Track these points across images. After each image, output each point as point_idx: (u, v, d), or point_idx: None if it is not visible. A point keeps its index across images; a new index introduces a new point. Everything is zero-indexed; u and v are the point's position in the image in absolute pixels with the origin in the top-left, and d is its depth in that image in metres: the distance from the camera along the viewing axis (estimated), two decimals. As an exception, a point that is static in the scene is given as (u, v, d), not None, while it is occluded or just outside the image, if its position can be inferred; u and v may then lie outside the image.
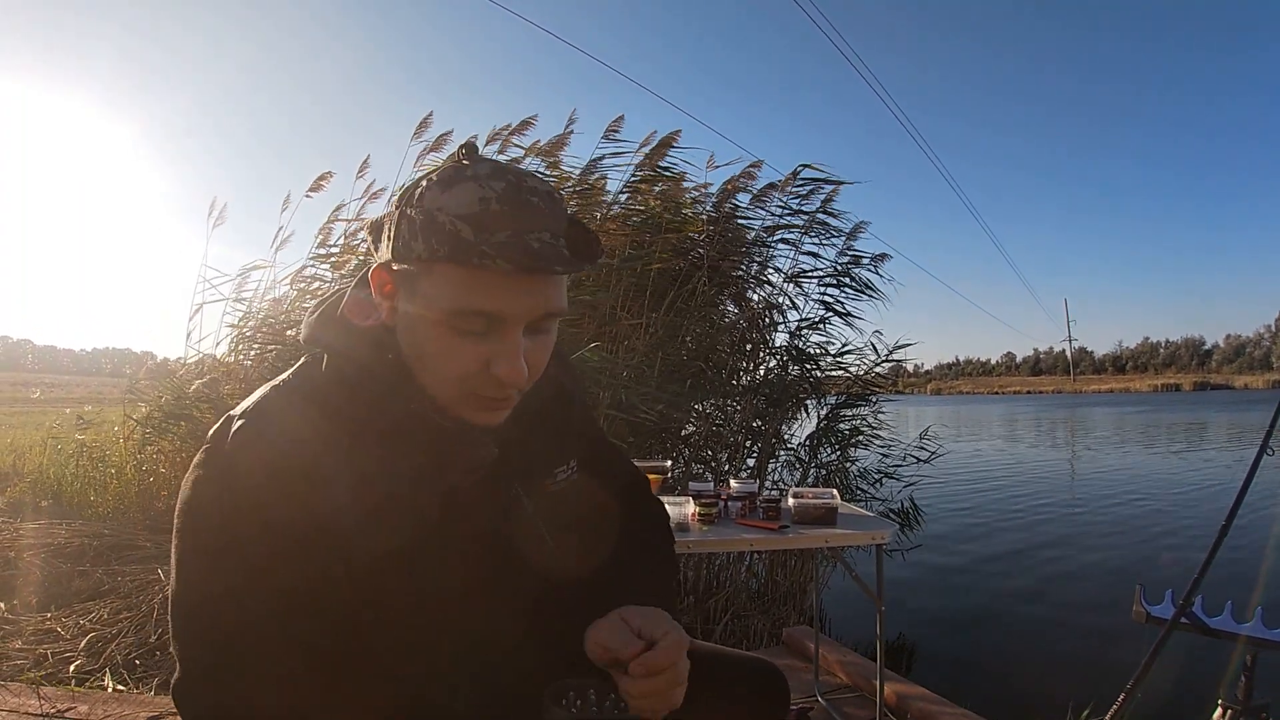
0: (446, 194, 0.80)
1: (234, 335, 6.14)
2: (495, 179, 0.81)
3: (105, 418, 8.03)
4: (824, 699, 2.92)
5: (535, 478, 1.02)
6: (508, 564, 0.96)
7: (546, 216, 0.82)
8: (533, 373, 0.87)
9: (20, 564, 4.41)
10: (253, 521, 0.80)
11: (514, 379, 0.83)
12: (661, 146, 5.41)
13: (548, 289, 0.83)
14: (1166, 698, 2.98)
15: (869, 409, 5.67)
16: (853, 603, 5.12)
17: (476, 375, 0.84)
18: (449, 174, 0.82)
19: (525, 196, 0.81)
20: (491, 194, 0.79)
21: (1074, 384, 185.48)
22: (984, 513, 9.81)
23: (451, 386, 0.85)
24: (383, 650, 0.89)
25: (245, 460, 0.82)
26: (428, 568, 0.88)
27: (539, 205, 0.81)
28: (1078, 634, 5.09)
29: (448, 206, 0.79)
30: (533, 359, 0.86)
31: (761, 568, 4.88)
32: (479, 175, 0.81)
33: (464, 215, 0.78)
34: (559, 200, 0.85)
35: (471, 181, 0.80)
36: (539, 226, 0.80)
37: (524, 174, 0.84)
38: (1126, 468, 15.51)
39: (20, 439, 9.46)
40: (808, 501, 2.43)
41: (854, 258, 5.66)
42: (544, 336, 0.88)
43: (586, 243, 0.87)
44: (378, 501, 0.85)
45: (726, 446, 5.28)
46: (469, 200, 0.79)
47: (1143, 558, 7.31)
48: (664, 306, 4.92)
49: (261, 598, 0.80)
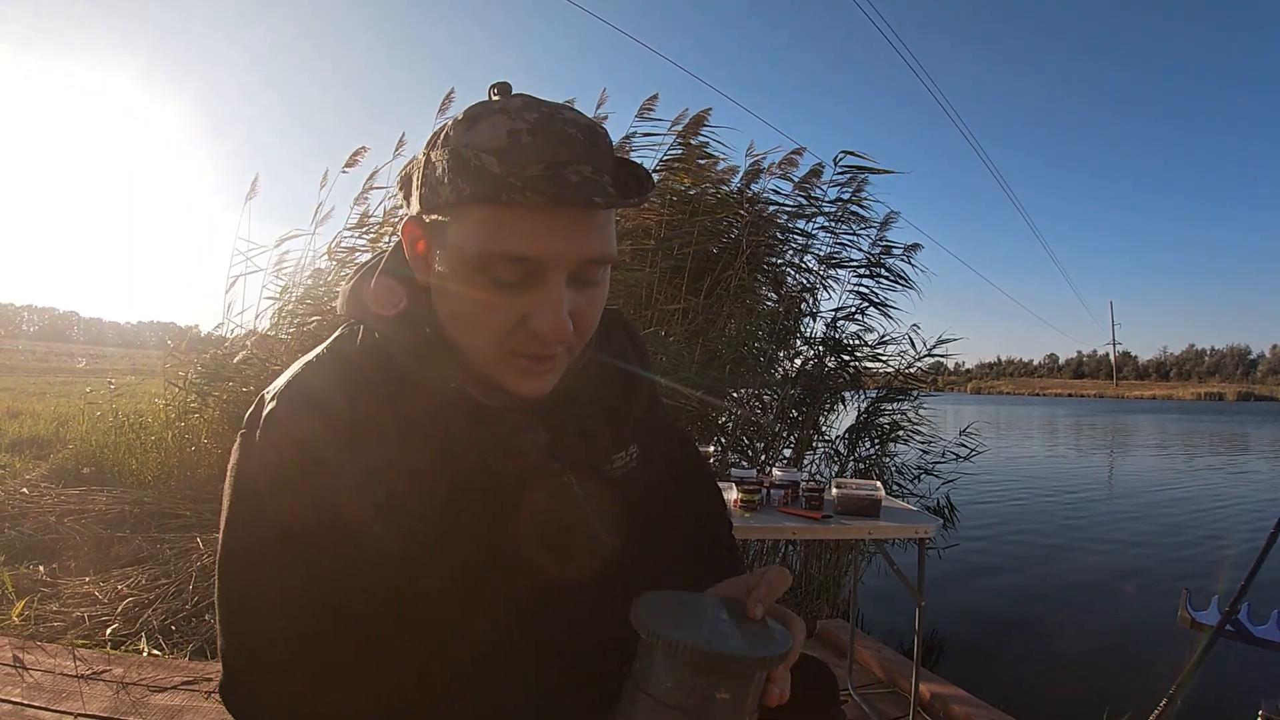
0: (473, 130, 0.72)
1: (275, 308, 6.20)
2: (528, 110, 0.72)
3: (145, 389, 8.15)
4: (857, 694, 2.88)
5: (589, 464, 0.91)
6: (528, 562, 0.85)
7: (586, 149, 0.73)
8: (581, 330, 0.78)
9: (61, 529, 4.47)
10: (281, 517, 0.75)
11: (556, 333, 0.73)
12: (694, 124, 5.39)
13: (590, 230, 0.73)
14: (1207, 705, 2.91)
15: (910, 404, 5.60)
16: (885, 597, 5.07)
17: (515, 332, 0.75)
18: (476, 110, 0.74)
19: (561, 127, 0.72)
20: (522, 125, 0.71)
21: (1116, 388, 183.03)
22: (1022, 512, 9.73)
23: (489, 348, 0.76)
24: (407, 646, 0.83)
25: (274, 451, 0.77)
26: (449, 558, 0.81)
27: (577, 137, 0.72)
28: (1115, 638, 5.02)
29: (474, 142, 0.71)
30: (580, 314, 0.77)
31: (796, 559, 4.84)
32: (509, 108, 0.73)
33: (491, 149, 0.70)
34: (602, 134, 0.76)
35: (500, 114, 0.72)
36: (577, 159, 0.71)
37: (561, 106, 0.75)
38: (1170, 474, 15.31)
39: (63, 407, 9.64)
40: (851, 492, 2.40)
41: (886, 247, 5.63)
42: (592, 289, 0.78)
43: (636, 179, 0.78)
44: (402, 489, 0.78)
45: (764, 436, 5.23)
46: (497, 133, 0.71)
47: (1185, 564, 7.21)
48: (703, 291, 4.87)
49: (302, 597, 0.75)
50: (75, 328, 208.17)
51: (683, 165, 5.45)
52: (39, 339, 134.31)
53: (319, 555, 0.75)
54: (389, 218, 6.04)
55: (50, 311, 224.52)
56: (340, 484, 0.75)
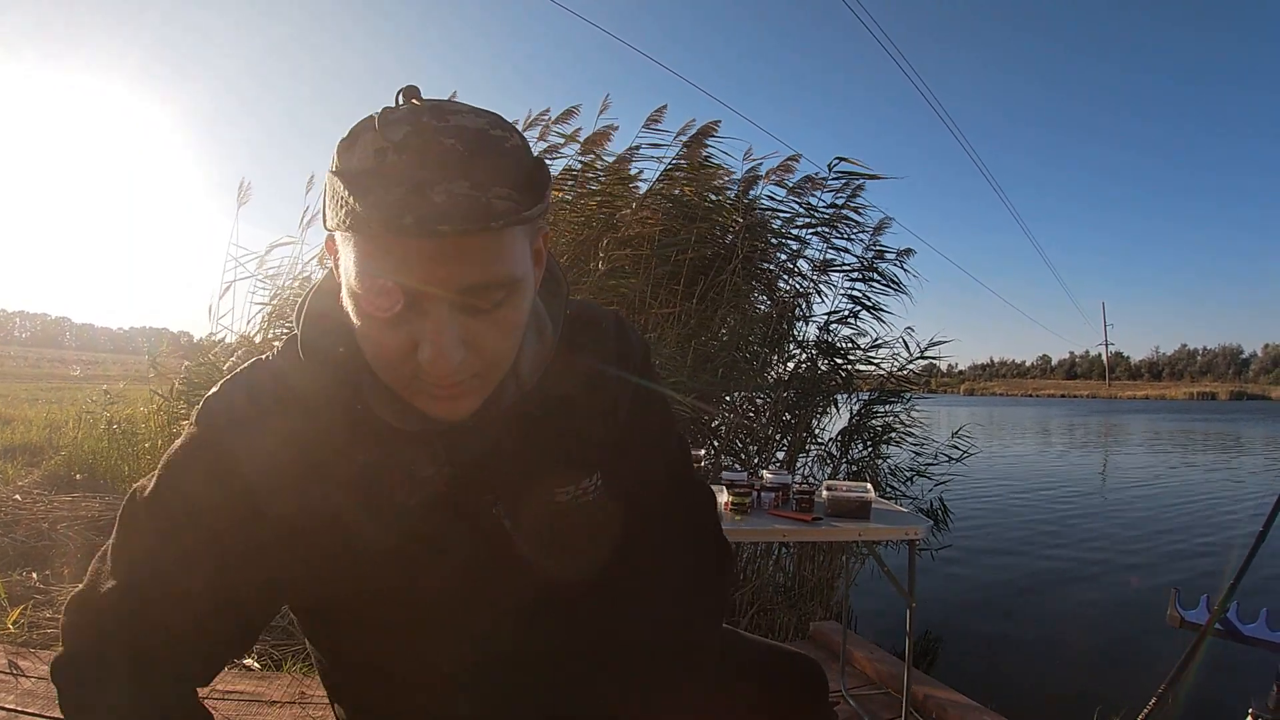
0: (349, 151, 0.68)
1: (264, 313, 6.18)
2: (402, 123, 0.67)
3: (136, 395, 8.12)
4: (850, 695, 2.89)
5: (525, 494, 0.87)
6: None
7: (467, 161, 0.66)
8: (486, 357, 0.73)
9: (54, 536, 4.46)
10: (182, 524, 0.79)
11: (438, 365, 0.69)
12: (701, 135, 5.38)
13: (468, 254, 0.67)
14: (1198, 704, 2.93)
15: (902, 406, 5.63)
16: (879, 599, 5.08)
17: (409, 360, 0.71)
18: (359, 127, 0.69)
19: (436, 139, 0.66)
20: (388, 143, 0.65)
21: (1109, 389, 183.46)
22: (1017, 513, 9.77)
23: (388, 372, 0.73)
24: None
25: (187, 452, 0.81)
26: (350, 580, 0.83)
27: (455, 148, 0.66)
28: (1108, 638, 5.06)
29: (346, 167, 0.67)
30: (481, 340, 0.71)
31: (790, 562, 4.86)
32: (385, 122, 0.67)
33: (356, 174, 0.66)
34: (497, 138, 0.70)
35: (373, 132, 0.67)
36: (448, 176, 0.64)
37: (452, 111, 0.69)
38: (1161, 473, 15.35)
39: (56, 414, 9.61)
40: (842, 494, 2.41)
41: (879, 252, 5.65)
42: (494, 313, 0.71)
43: (537, 185, 0.71)
44: (302, 507, 0.79)
45: (757, 439, 5.24)
46: (365, 154, 0.66)
47: (1176, 564, 7.25)
48: (695, 295, 4.89)
49: (169, 601, 0.78)
50: (67, 333, 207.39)
51: (687, 177, 5.45)
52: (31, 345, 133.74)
53: (198, 550, 0.78)
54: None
55: (42, 317, 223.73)
56: (247, 470, 0.78)
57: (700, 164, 5.43)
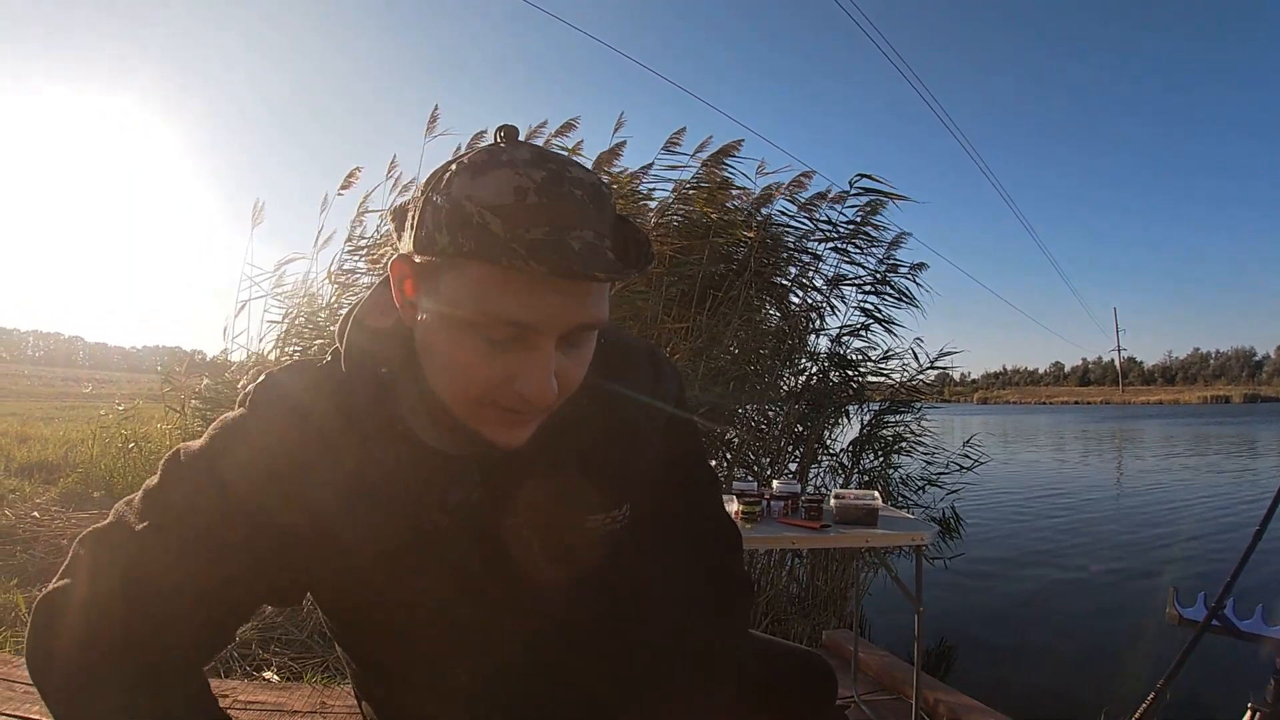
0: (477, 181, 0.69)
1: (278, 332, 6.22)
2: (535, 167, 0.69)
3: (149, 412, 8.16)
4: (862, 701, 2.89)
5: (555, 520, 0.89)
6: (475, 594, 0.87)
7: (591, 213, 0.71)
8: (563, 390, 0.76)
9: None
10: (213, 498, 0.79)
11: (541, 397, 0.72)
12: (721, 154, 5.39)
13: (587, 297, 0.71)
14: (1198, 701, 2.94)
15: (913, 416, 5.63)
16: (892, 609, 5.06)
17: (499, 388, 0.73)
18: (482, 158, 0.71)
19: (568, 188, 0.70)
20: (529, 183, 0.68)
21: (1122, 394, 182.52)
22: (1026, 521, 9.74)
23: (469, 397, 0.75)
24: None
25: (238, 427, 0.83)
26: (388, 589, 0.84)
27: (582, 199, 0.70)
28: (1118, 640, 5.05)
29: (478, 195, 0.68)
30: (565, 374, 0.75)
31: (803, 572, 4.87)
32: (516, 161, 0.70)
33: (495, 206, 0.67)
34: (606, 195, 0.74)
35: (507, 168, 0.69)
36: (581, 224, 0.69)
37: (568, 162, 0.73)
38: (1176, 477, 15.31)
39: (71, 432, 9.67)
40: (849, 502, 2.45)
41: (892, 265, 5.62)
42: (579, 350, 0.76)
43: (637, 245, 0.77)
44: (341, 511, 0.81)
45: (769, 451, 5.25)
46: (503, 189, 0.68)
47: (1181, 564, 7.26)
48: (706, 309, 4.90)
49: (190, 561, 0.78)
50: (80, 352, 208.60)
51: (704, 196, 5.42)
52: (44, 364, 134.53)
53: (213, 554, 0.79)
54: (384, 241, 6.06)
55: (55, 337, 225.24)
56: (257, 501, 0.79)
57: (718, 184, 5.43)
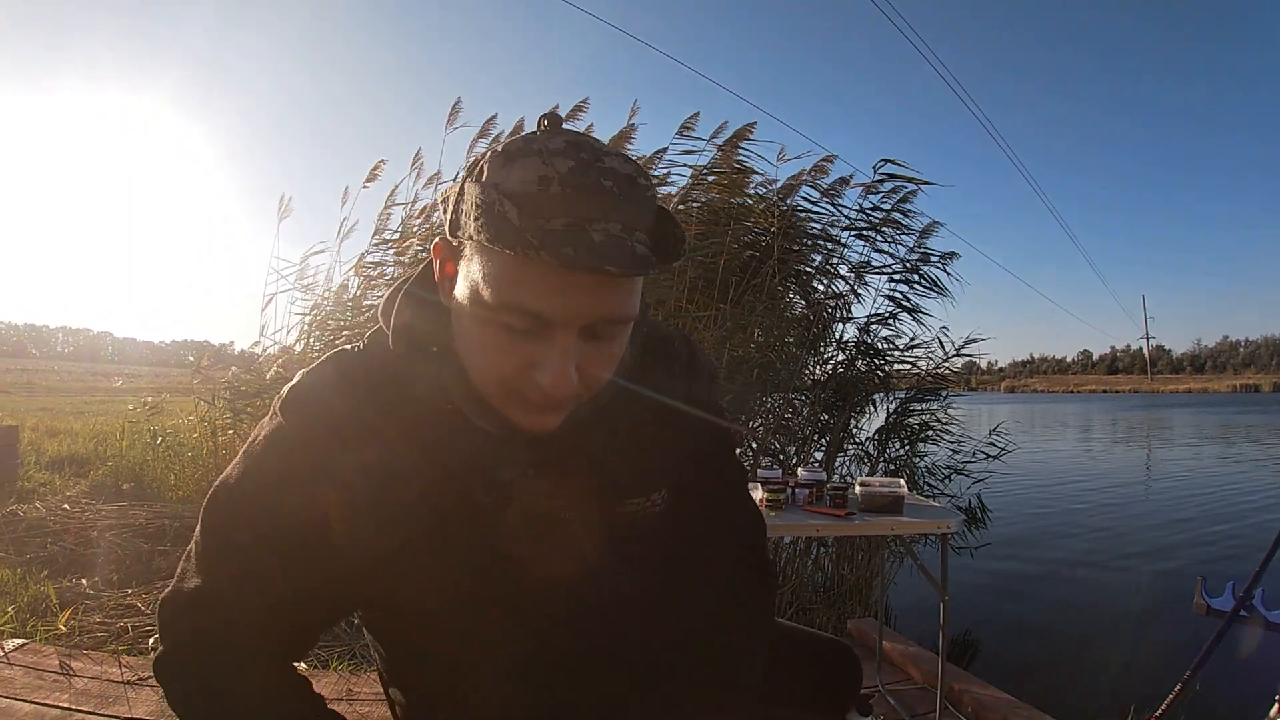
0: (506, 168, 0.70)
1: (303, 324, 6.26)
2: (564, 155, 0.69)
3: (179, 405, 8.25)
4: (886, 690, 2.88)
5: (596, 503, 0.90)
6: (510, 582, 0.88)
7: (620, 204, 0.70)
8: (588, 381, 0.77)
9: (102, 543, 4.55)
10: (263, 520, 0.81)
11: (557, 389, 0.73)
12: (735, 139, 5.32)
13: (611, 291, 0.71)
14: (1227, 691, 2.90)
15: (939, 404, 5.57)
16: (918, 599, 5.05)
17: (520, 375, 0.74)
18: (516, 146, 0.72)
19: (595, 179, 0.69)
20: (554, 173, 0.68)
21: (1151, 383, 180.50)
22: (1053, 511, 9.66)
23: (493, 383, 0.76)
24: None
25: (273, 444, 0.84)
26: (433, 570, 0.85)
27: (611, 190, 0.69)
28: (1145, 630, 5.01)
29: (503, 184, 0.69)
30: (590, 366, 0.75)
31: (828, 562, 4.84)
32: (547, 149, 0.70)
33: (516, 195, 0.68)
34: (644, 186, 0.73)
35: (536, 157, 0.70)
36: (607, 216, 0.68)
37: (603, 151, 0.72)
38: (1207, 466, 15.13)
39: (101, 425, 9.79)
40: (874, 489, 2.43)
41: (924, 255, 5.52)
42: (605, 344, 0.76)
43: (675, 241, 0.75)
44: (383, 501, 0.81)
45: (795, 440, 5.22)
46: (528, 178, 0.68)
47: (1209, 553, 7.21)
48: (730, 298, 4.87)
49: (254, 594, 0.82)
50: (109, 347, 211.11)
51: (721, 182, 5.39)
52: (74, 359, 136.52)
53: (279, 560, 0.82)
54: (410, 231, 6.07)
55: (85, 332, 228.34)
56: (316, 495, 0.80)
57: (735, 168, 5.38)
